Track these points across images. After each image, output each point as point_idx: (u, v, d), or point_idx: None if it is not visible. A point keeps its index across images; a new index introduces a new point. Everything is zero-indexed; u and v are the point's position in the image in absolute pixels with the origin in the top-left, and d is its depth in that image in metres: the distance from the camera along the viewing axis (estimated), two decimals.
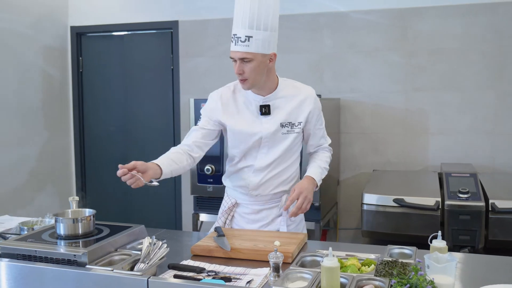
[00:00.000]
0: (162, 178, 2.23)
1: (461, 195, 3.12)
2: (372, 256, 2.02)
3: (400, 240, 2.89)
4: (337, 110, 4.18)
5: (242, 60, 2.21)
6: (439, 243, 1.84)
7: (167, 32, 4.82)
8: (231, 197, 2.51)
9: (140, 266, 1.88)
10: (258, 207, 2.45)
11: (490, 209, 3.02)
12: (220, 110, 2.38)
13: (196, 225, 3.85)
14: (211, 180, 3.74)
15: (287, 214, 2.39)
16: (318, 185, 2.43)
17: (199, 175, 3.77)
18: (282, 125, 2.35)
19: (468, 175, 3.39)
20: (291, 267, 1.85)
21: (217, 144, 3.68)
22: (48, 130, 4.88)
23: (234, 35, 2.22)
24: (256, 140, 2.35)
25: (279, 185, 2.42)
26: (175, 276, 1.89)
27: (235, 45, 2.21)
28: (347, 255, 2.03)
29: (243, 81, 2.27)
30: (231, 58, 2.26)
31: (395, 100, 4.16)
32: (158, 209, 5.05)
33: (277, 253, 1.82)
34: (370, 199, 3.28)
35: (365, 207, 3.29)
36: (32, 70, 4.66)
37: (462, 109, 4.03)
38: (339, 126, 4.28)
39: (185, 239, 2.50)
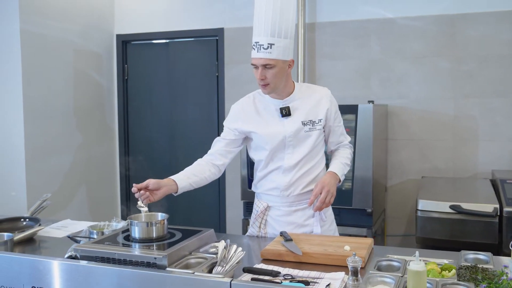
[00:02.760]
0: (180, 192, 2.41)
1: None
2: (445, 261, 2.02)
3: (455, 247, 2.88)
4: (384, 116, 4.18)
5: (264, 66, 2.32)
6: None
7: (212, 40, 4.88)
8: (262, 201, 2.57)
9: (217, 269, 1.92)
10: (290, 208, 2.51)
11: None
12: (241, 119, 2.50)
13: (245, 231, 3.87)
14: None
15: (318, 214, 2.48)
16: (341, 180, 2.50)
17: (250, 181, 3.80)
18: (303, 124, 2.44)
19: None
20: (371, 272, 1.86)
21: None
22: (94, 137, 4.98)
23: (257, 42, 2.32)
24: (280, 140, 2.43)
25: (309, 183, 2.48)
26: (253, 279, 1.92)
27: (258, 52, 2.31)
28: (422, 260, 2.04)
29: (264, 86, 2.37)
30: (253, 64, 2.36)
31: (443, 106, 4.14)
32: (203, 214, 5.09)
33: (356, 257, 1.83)
34: (425, 205, 3.26)
35: (419, 213, 3.27)
36: (81, 77, 4.77)
37: None
38: (387, 132, 4.27)
39: (249, 243, 2.53)
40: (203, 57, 4.96)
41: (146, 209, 2.30)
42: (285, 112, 2.44)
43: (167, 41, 5.08)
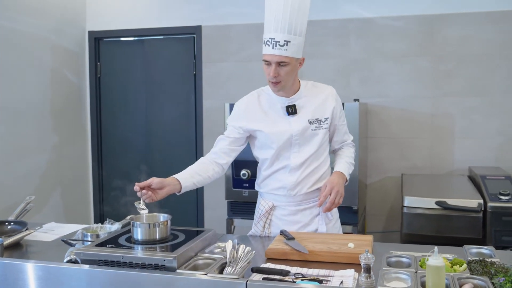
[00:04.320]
0: (183, 191, 2.33)
1: (502, 197, 3.18)
2: (449, 256, 2.05)
3: (441, 242, 2.94)
4: (365, 115, 4.22)
5: (279, 63, 2.28)
6: None
7: (189, 37, 4.81)
8: (267, 200, 2.54)
9: (228, 270, 1.88)
10: (296, 207, 2.49)
11: None
12: (245, 117, 2.46)
13: (230, 230, 3.85)
14: (247, 185, 3.75)
15: (326, 214, 2.47)
16: (348, 179, 2.50)
17: (235, 180, 3.78)
18: (310, 122, 2.42)
19: (503, 177, 3.46)
20: (384, 268, 1.87)
21: None
22: (66, 136, 4.82)
23: (272, 38, 2.25)
24: (286, 139, 2.40)
25: (315, 182, 2.47)
26: (265, 279, 1.89)
27: (273, 48, 2.25)
28: (423, 255, 2.06)
29: (276, 83, 2.34)
30: (266, 61, 2.30)
31: (422, 105, 4.23)
32: (177, 213, 5.00)
33: (368, 254, 1.83)
34: (411, 202, 3.32)
35: (405, 209, 3.32)
36: (51, 74, 4.60)
37: (489, 113, 4.11)
38: (367, 131, 4.33)
39: (251, 243, 2.49)
40: (180, 55, 4.88)
41: (146, 211, 2.23)
42: (291, 110, 2.41)
43: (142, 38, 4.98)
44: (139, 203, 2.25)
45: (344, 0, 4.33)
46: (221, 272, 1.88)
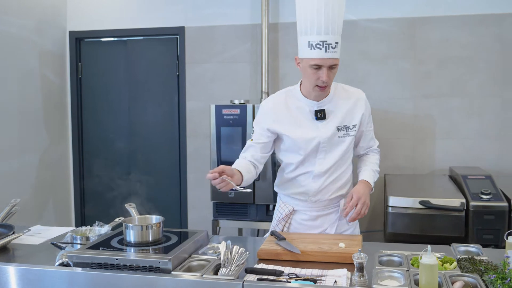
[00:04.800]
0: (242, 185, 2.24)
1: (483, 196, 3.26)
2: (437, 254, 2.09)
3: (424, 241, 3.00)
4: None
5: (330, 67, 2.20)
6: None
7: (172, 38, 4.80)
8: (288, 204, 2.50)
9: (223, 271, 1.89)
10: (316, 213, 2.46)
11: None
12: (272, 117, 2.37)
13: (216, 231, 3.85)
14: None
15: (346, 218, 2.42)
16: (373, 188, 2.46)
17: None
18: (338, 129, 2.35)
19: (483, 177, 3.54)
20: (377, 267, 1.91)
21: (238, 150, 3.71)
22: (46, 137, 4.75)
23: (323, 41, 2.15)
24: (314, 145, 2.34)
25: (338, 189, 2.44)
26: (259, 280, 1.90)
27: (326, 52, 2.16)
28: (412, 254, 2.10)
29: (325, 88, 2.26)
30: (316, 65, 2.20)
31: (404, 106, 4.30)
32: (162, 214, 4.98)
33: (361, 253, 1.86)
34: (395, 201, 3.37)
35: (390, 209, 3.38)
36: (32, 75, 4.54)
37: (469, 114, 4.20)
38: None
39: (242, 243, 2.49)
40: (163, 56, 4.86)
41: (247, 190, 2.13)
42: (320, 115, 2.33)
43: (124, 39, 4.94)
44: (233, 188, 2.13)
45: None
46: (216, 273, 1.89)
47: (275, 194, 3.73)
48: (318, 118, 2.34)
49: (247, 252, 1.97)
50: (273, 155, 3.73)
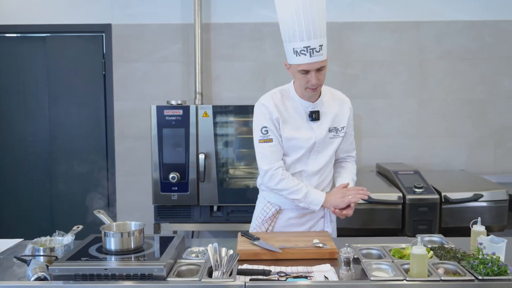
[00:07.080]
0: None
1: (417, 190, 3.52)
2: (403, 245, 2.24)
3: (366, 234, 3.20)
4: None
5: (318, 69, 2.26)
6: (479, 227, 2.11)
7: (98, 36, 4.57)
8: (274, 204, 2.52)
9: (217, 273, 1.88)
10: (304, 210, 2.50)
11: (443, 200, 3.46)
12: (277, 117, 2.38)
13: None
14: (176, 188, 3.69)
15: (329, 215, 2.56)
16: None
17: (163, 184, 3.69)
18: (329, 130, 2.44)
19: (412, 172, 3.83)
20: (364, 260, 2.00)
21: (182, 152, 3.68)
22: None
23: (307, 47, 2.20)
24: (310, 145, 2.41)
25: (324, 188, 2.52)
26: (252, 280, 1.92)
27: (311, 56, 2.21)
28: (382, 246, 2.23)
29: (316, 88, 2.32)
30: (303, 70, 2.26)
31: None
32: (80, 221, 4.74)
33: (348, 248, 1.95)
34: None
35: None
36: None
37: (391, 114, 4.51)
38: None
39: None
40: (88, 54, 4.62)
41: None
42: (315, 116, 2.39)
43: (43, 35, 4.61)
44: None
45: (259, 5, 4.44)
46: (209, 276, 1.87)
47: (220, 195, 3.77)
48: (312, 119, 2.41)
49: (238, 255, 1.97)
50: (217, 155, 3.77)
